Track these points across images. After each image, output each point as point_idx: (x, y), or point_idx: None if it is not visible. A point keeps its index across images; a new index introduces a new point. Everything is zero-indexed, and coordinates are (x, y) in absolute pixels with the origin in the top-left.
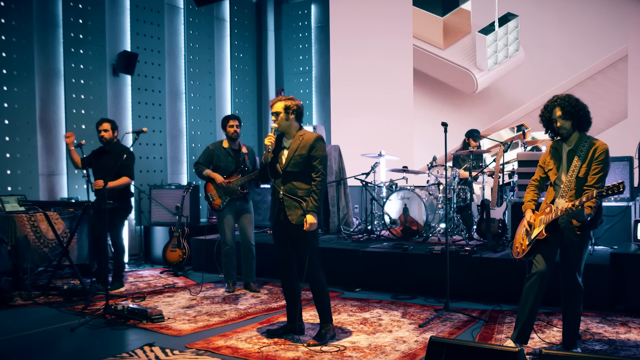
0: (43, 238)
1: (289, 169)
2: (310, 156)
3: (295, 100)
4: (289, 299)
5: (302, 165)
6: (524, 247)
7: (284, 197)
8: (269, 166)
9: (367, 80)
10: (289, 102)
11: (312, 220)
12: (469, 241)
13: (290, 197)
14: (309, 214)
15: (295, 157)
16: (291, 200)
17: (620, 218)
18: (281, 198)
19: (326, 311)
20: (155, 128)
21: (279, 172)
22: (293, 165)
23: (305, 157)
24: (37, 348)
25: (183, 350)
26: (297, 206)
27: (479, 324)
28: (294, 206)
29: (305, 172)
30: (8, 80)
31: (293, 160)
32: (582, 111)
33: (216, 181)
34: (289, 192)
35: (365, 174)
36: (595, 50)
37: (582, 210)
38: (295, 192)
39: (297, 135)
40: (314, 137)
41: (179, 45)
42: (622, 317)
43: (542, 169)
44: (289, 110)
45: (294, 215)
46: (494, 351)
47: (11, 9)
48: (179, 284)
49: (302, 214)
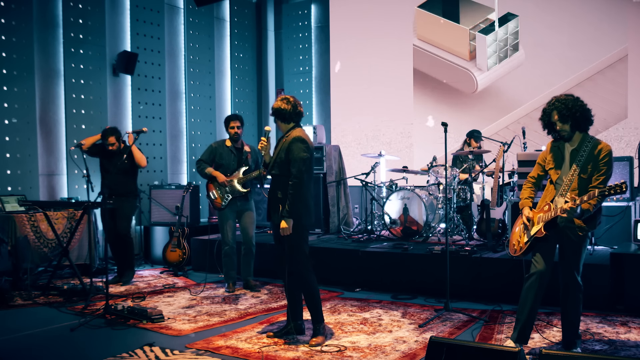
0: (43, 238)
1: (273, 171)
2: (288, 159)
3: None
4: (292, 298)
5: (284, 168)
6: (521, 245)
7: (269, 198)
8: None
9: (367, 80)
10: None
11: (284, 225)
12: (469, 241)
13: (272, 199)
14: (283, 219)
15: (277, 160)
16: (273, 203)
17: (620, 218)
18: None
19: (318, 311)
20: (155, 128)
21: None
22: (276, 167)
23: (284, 160)
24: (37, 348)
25: (183, 350)
26: (277, 209)
27: (479, 324)
28: (275, 209)
29: (287, 175)
30: (8, 80)
31: (275, 163)
32: (579, 112)
33: (218, 180)
34: (271, 195)
35: (365, 174)
36: (595, 50)
37: (578, 207)
38: (275, 195)
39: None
40: (291, 139)
41: (179, 45)
42: (622, 317)
43: (541, 166)
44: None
45: (276, 218)
46: (494, 351)
47: (11, 9)
48: (179, 284)
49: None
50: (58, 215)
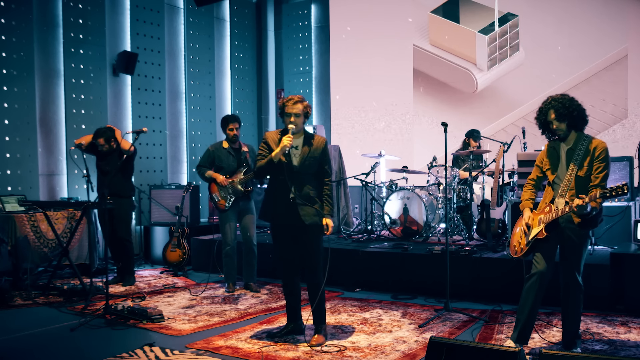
0: (43, 238)
1: (302, 170)
2: (322, 159)
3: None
4: (292, 298)
5: (314, 167)
6: (522, 246)
7: (297, 197)
8: (277, 166)
9: (367, 80)
10: (307, 105)
11: (332, 223)
12: (469, 241)
13: (304, 198)
14: (328, 217)
15: (309, 159)
16: (306, 201)
17: (620, 218)
18: (292, 198)
19: (324, 312)
20: (155, 128)
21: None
22: (307, 166)
23: (318, 160)
24: (37, 348)
25: (183, 350)
26: (311, 207)
27: (479, 324)
28: (308, 207)
29: (315, 174)
30: (8, 80)
31: (307, 161)
32: (575, 111)
33: (218, 181)
34: (303, 193)
35: (365, 174)
36: (596, 50)
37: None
38: (308, 194)
39: (304, 136)
40: (324, 141)
41: (179, 45)
42: (622, 317)
43: (539, 168)
44: (307, 114)
45: (308, 217)
46: (494, 351)
47: (11, 9)
48: (179, 284)
49: (314, 214)
50: (58, 215)
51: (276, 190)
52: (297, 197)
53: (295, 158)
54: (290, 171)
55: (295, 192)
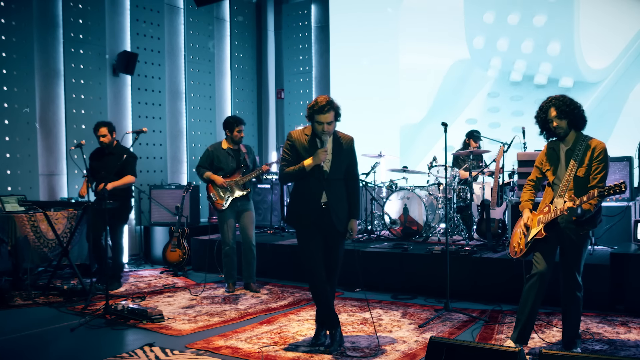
0: (43, 238)
1: (333, 176)
2: (351, 161)
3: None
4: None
5: (343, 171)
6: (521, 247)
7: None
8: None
9: (367, 80)
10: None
11: (356, 228)
12: (469, 241)
13: (335, 203)
14: (353, 220)
15: (339, 163)
16: (339, 206)
17: (620, 218)
18: (324, 203)
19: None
20: (155, 128)
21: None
22: (337, 170)
23: (347, 162)
24: (37, 348)
25: (183, 350)
26: (344, 211)
27: (479, 324)
28: (341, 212)
29: (344, 176)
30: (8, 80)
31: (338, 166)
32: (576, 110)
33: (217, 183)
34: (336, 198)
35: (365, 174)
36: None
37: (579, 207)
38: (342, 198)
39: (333, 138)
40: (352, 140)
41: (179, 45)
42: (622, 317)
43: (538, 169)
44: (338, 115)
45: (340, 223)
46: (494, 351)
47: (11, 9)
48: (179, 284)
49: (345, 219)
50: (58, 215)
51: (306, 195)
52: (329, 203)
53: (326, 164)
54: (322, 177)
55: (327, 197)
